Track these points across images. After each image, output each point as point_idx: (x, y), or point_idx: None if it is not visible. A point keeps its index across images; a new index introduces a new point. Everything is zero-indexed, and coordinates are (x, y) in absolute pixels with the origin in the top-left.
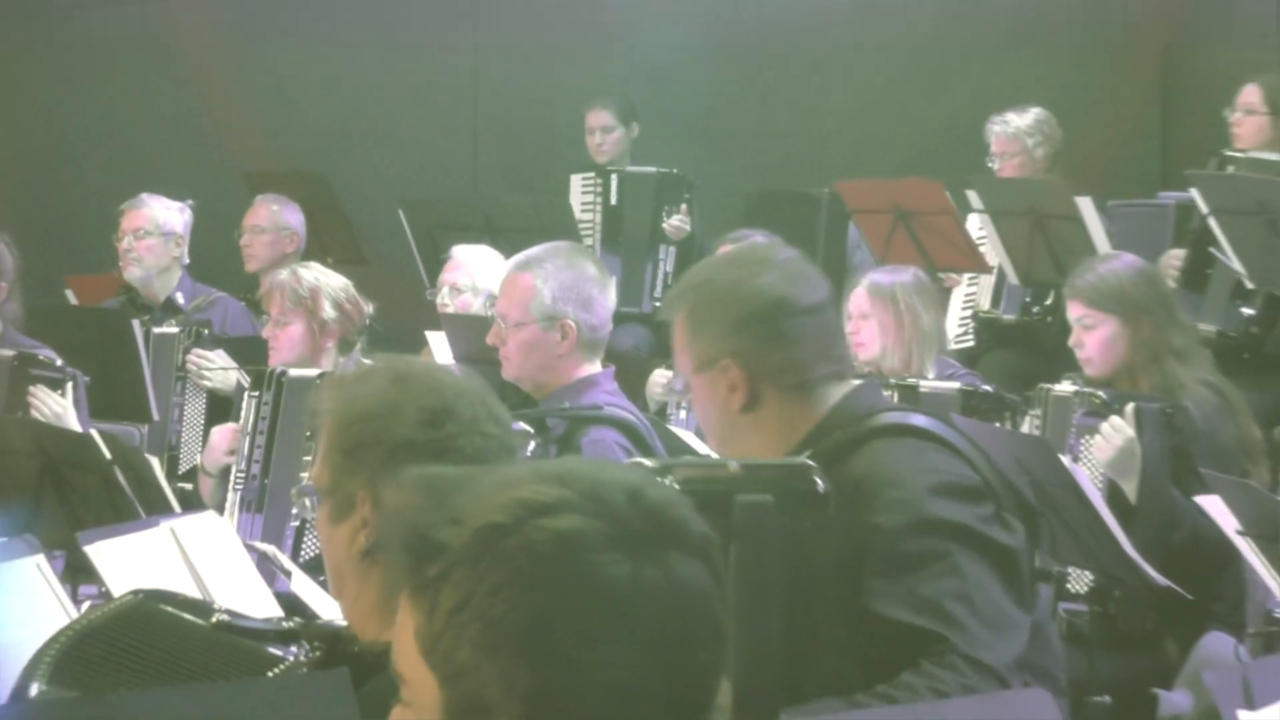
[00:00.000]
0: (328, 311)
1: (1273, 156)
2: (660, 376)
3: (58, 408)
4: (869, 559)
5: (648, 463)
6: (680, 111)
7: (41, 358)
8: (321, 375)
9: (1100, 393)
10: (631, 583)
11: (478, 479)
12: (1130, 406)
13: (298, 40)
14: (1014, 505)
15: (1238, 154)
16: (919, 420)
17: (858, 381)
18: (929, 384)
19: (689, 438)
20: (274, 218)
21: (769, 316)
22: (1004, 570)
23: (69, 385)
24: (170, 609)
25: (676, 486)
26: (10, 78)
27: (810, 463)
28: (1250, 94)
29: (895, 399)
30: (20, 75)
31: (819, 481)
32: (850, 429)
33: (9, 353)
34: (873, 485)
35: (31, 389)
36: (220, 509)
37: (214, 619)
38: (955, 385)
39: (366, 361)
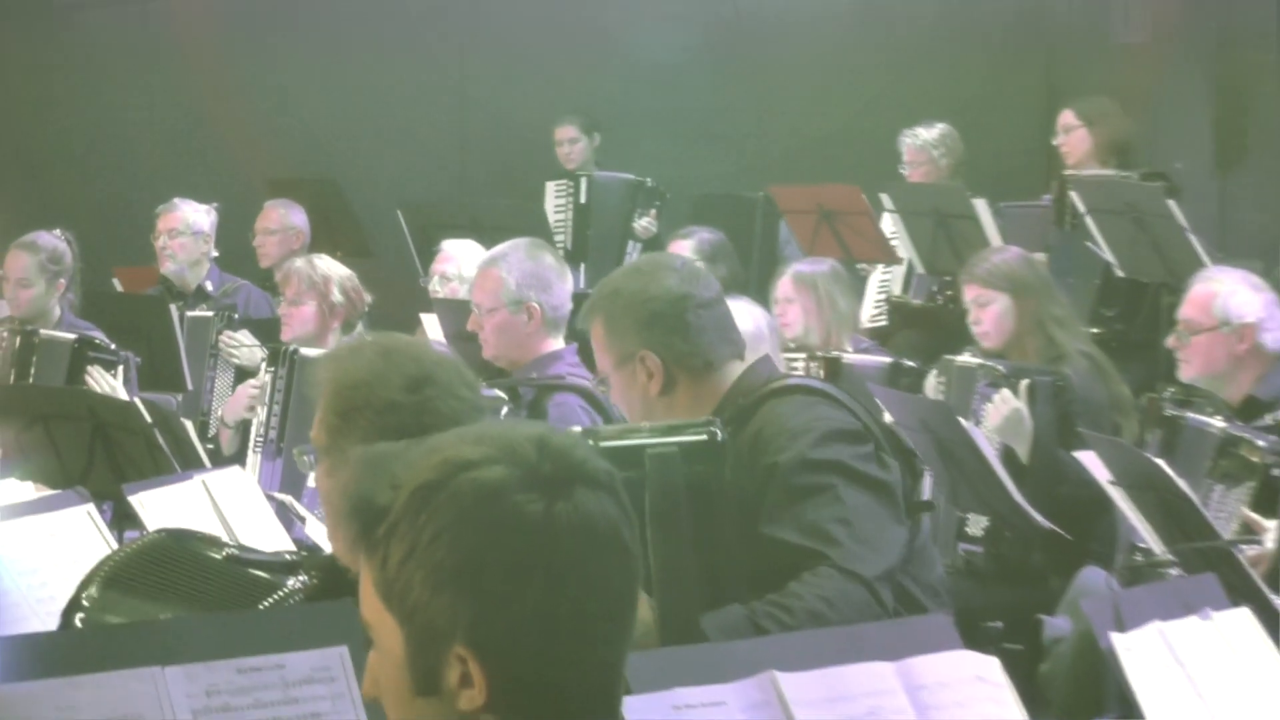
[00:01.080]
0: (336, 296)
1: (1110, 173)
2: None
3: (109, 386)
4: (767, 493)
5: (577, 428)
6: (648, 119)
7: (97, 341)
8: None
9: (1000, 366)
10: (546, 517)
11: (410, 449)
12: (1025, 382)
13: (301, 49)
14: (892, 448)
15: (1079, 174)
16: (809, 381)
17: (751, 360)
18: (851, 356)
19: None
20: (282, 220)
21: (674, 311)
22: (880, 499)
23: (120, 366)
24: (188, 544)
25: (604, 445)
26: (16, 77)
27: (712, 418)
28: (1066, 116)
29: (821, 370)
30: (29, 75)
31: (717, 431)
32: (750, 395)
33: (70, 336)
34: (769, 433)
35: (89, 369)
36: (236, 458)
37: (224, 553)
38: (886, 359)
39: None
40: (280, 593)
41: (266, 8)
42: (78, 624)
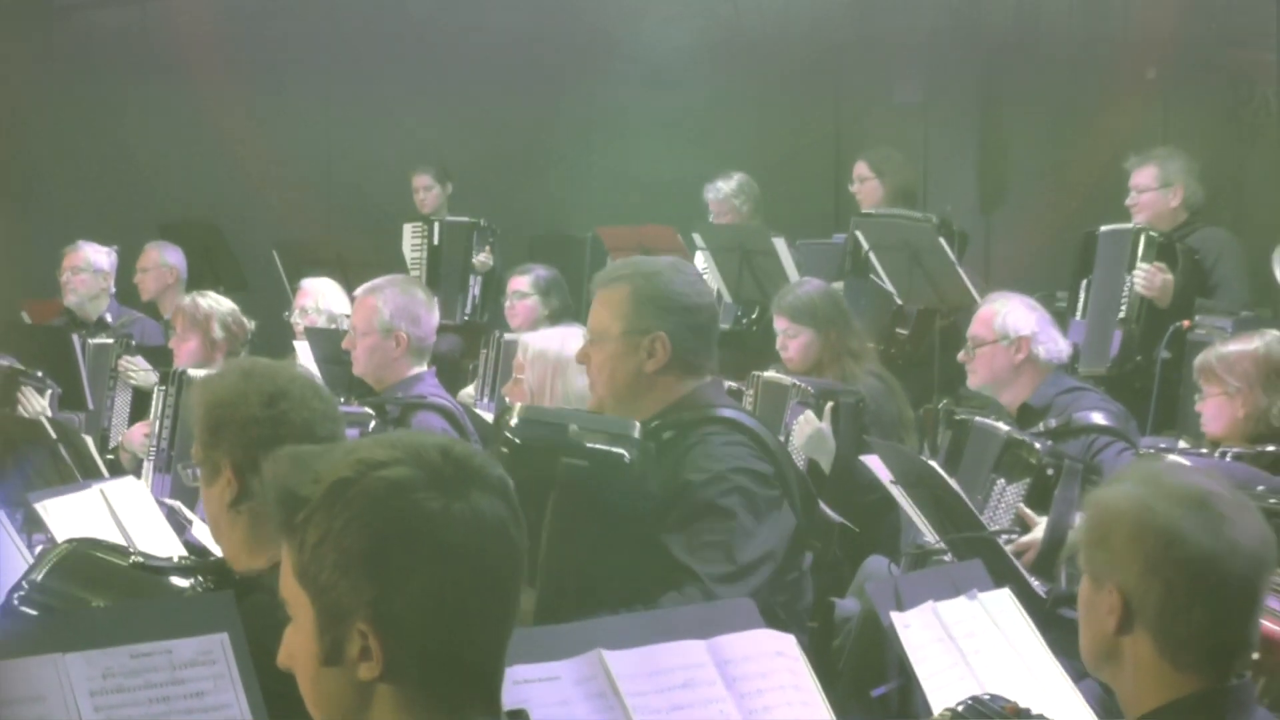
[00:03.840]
0: (217, 332)
1: (896, 211)
2: (467, 393)
3: (39, 406)
4: (676, 505)
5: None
6: (495, 161)
7: (25, 369)
8: None
9: (810, 387)
10: (444, 513)
11: (332, 451)
12: (830, 404)
13: (184, 106)
14: (801, 493)
15: (870, 213)
16: (745, 420)
17: (710, 379)
18: None
19: (488, 416)
20: (157, 259)
21: (700, 313)
22: (765, 536)
23: (49, 391)
24: (98, 553)
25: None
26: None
27: (631, 437)
28: (860, 167)
29: None
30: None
31: (625, 454)
32: (697, 412)
33: (5, 363)
34: (696, 454)
35: (20, 391)
36: (137, 473)
37: (131, 560)
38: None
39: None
40: (184, 595)
41: (154, 65)
42: (17, 604)
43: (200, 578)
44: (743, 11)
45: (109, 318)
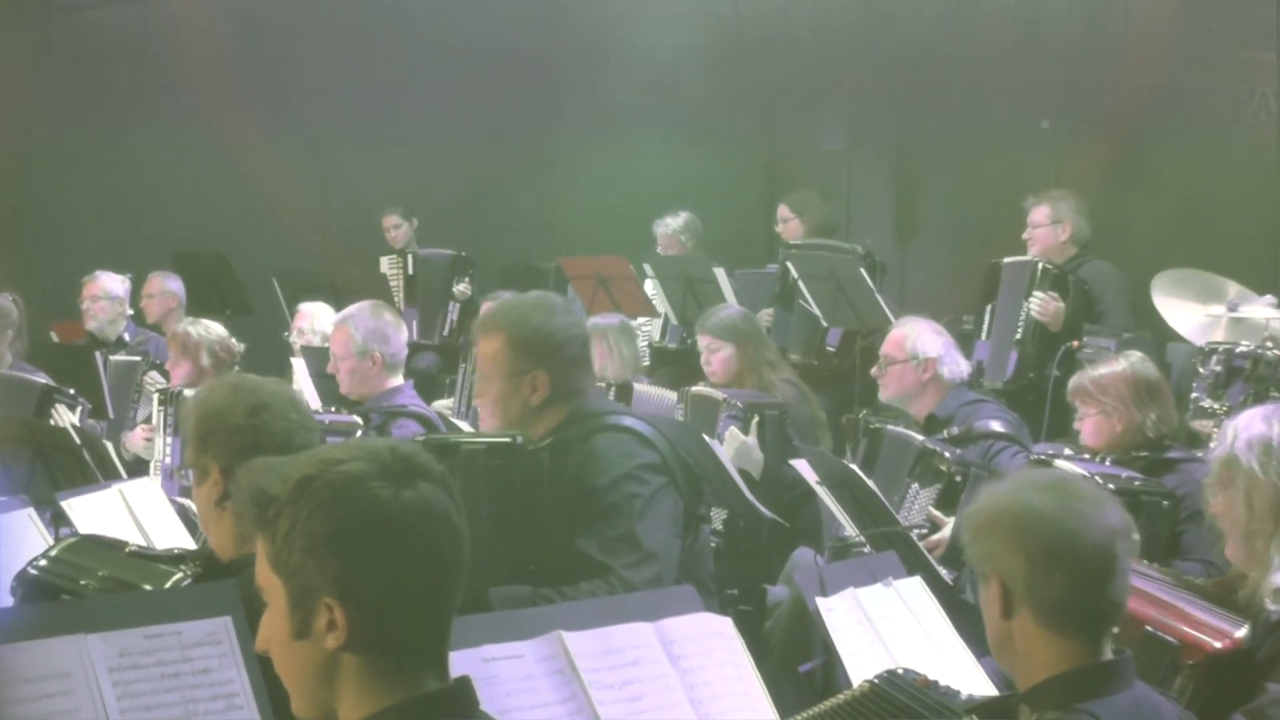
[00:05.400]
0: (205, 360)
1: (826, 242)
2: (445, 405)
3: (70, 420)
4: (584, 509)
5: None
6: (456, 204)
7: (59, 388)
8: None
9: (739, 401)
10: (395, 500)
11: (298, 457)
12: (756, 419)
13: (194, 147)
14: (685, 475)
15: (799, 245)
16: (628, 421)
17: (590, 392)
18: (640, 386)
19: (465, 425)
20: (160, 286)
21: (570, 346)
22: (664, 521)
23: (79, 408)
24: (101, 542)
25: (433, 439)
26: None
27: (516, 436)
28: (782, 209)
29: (616, 394)
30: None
31: (516, 437)
32: (586, 424)
33: (42, 381)
34: (592, 461)
35: (55, 407)
36: (138, 472)
37: (128, 549)
38: (667, 392)
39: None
40: (175, 577)
41: (167, 110)
42: (32, 571)
43: (191, 564)
44: (683, 70)
45: (127, 337)
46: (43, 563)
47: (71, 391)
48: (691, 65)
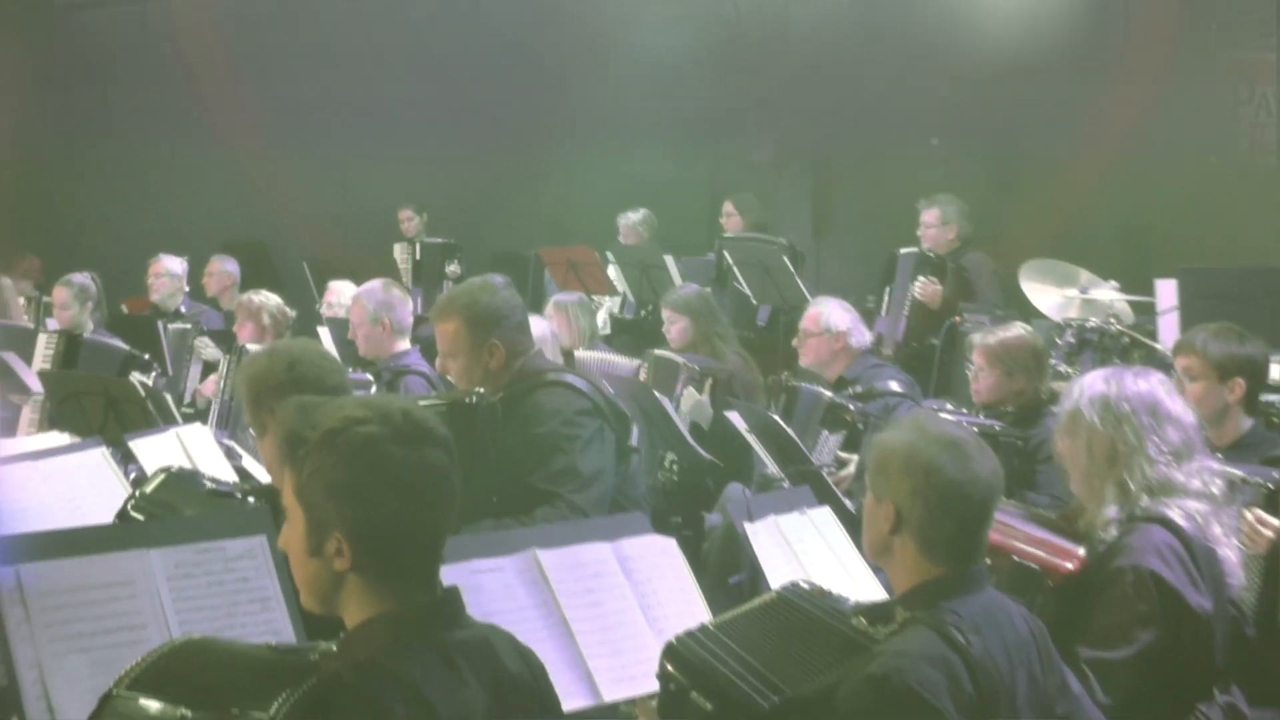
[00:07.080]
0: (265, 321)
1: (755, 235)
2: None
3: (143, 379)
4: (530, 452)
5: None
6: (456, 198)
7: (136, 353)
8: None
9: (696, 365)
10: (404, 459)
11: (326, 405)
12: (709, 380)
13: (241, 147)
14: (614, 415)
15: (732, 237)
16: (566, 377)
17: (533, 352)
18: (583, 353)
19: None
20: (219, 267)
21: (513, 317)
22: (599, 455)
23: (152, 372)
24: (187, 475)
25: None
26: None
27: (471, 395)
28: (727, 206)
29: (561, 358)
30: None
31: (474, 397)
32: (529, 380)
33: (123, 347)
34: (535, 413)
35: (133, 371)
36: (205, 419)
37: (208, 486)
38: (637, 362)
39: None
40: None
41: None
42: (131, 511)
43: (256, 498)
44: (643, 89)
45: (183, 309)
46: (139, 501)
47: (146, 356)
48: (642, 83)
